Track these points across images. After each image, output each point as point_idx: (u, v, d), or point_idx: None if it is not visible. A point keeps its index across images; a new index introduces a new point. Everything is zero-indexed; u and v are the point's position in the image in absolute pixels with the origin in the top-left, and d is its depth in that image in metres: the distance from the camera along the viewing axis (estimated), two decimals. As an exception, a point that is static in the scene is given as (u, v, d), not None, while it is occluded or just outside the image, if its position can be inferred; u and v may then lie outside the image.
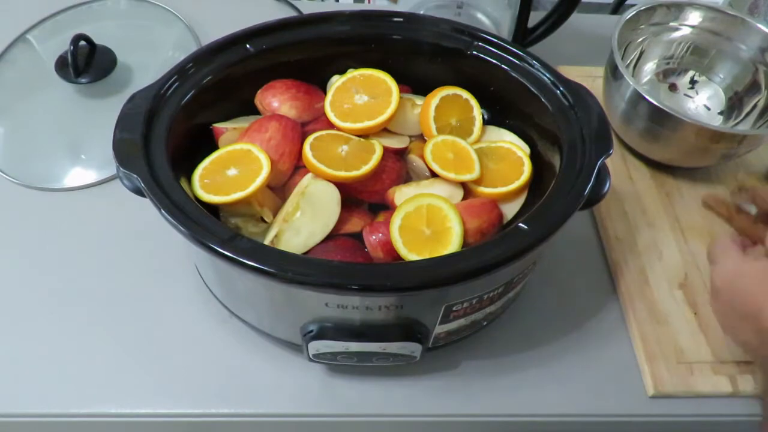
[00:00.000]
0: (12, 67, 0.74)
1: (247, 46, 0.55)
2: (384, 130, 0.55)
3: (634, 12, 0.70)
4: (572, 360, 0.56)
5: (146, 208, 0.44)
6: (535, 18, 0.74)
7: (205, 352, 0.54)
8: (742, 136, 0.63)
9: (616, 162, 0.71)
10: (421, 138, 0.57)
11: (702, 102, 0.74)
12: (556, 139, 0.51)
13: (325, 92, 0.58)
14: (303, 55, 0.57)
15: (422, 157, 0.53)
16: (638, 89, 0.63)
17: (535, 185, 0.53)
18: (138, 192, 0.44)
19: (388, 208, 0.52)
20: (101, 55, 0.71)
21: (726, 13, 0.71)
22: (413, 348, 0.48)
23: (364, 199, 0.53)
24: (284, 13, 0.83)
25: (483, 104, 0.57)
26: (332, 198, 0.50)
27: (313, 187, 0.50)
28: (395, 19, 0.58)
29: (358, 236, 0.49)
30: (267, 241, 0.48)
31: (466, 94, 0.56)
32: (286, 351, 0.54)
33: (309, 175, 0.51)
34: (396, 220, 0.47)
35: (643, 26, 0.72)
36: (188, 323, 0.55)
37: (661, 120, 0.64)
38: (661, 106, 0.62)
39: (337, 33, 0.57)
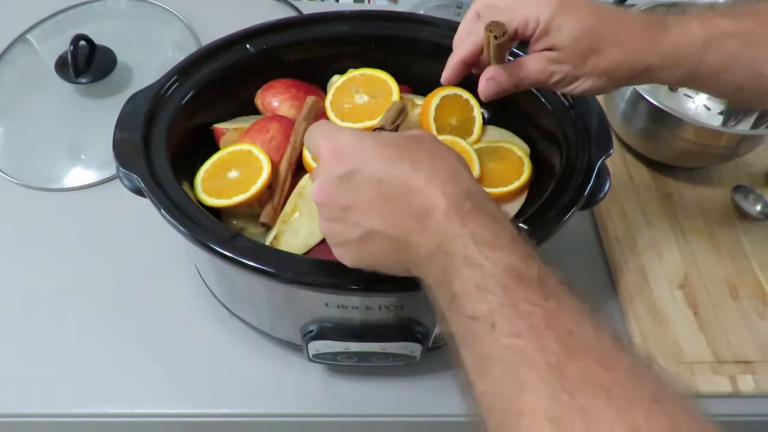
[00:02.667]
0: (12, 67, 0.74)
1: (247, 46, 0.55)
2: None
3: (634, 12, 0.70)
4: (572, 360, 0.56)
5: (146, 208, 0.44)
6: (535, 18, 0.74)
7: (205, 352, 0.54)
8: (741, 137, 0.63)
9: (616, 162, 0.71)
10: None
11: (702, 102, 0.74)
12: (556, 139, 0.51)
13: (325, 92, 0.58)
14: (303, 55, 0.57)
15: (422, 157, 0.53)
16: (638, 89, 0.63)
17: (535, 185, 0.53)
18: (138, 192, 0.44)
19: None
20: (101, 55, 0.71)
21: (726, 13, 0.71)
22: (413, 348, 0.48)
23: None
24: (284, 13, 0.83)
25: (483, 104, 0.57)
26: (332, 198, 0.50)
27: (311, 187, 0.50)
28: (395, 19, 0.58)
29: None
30: (267, 243, 0.48)
31: (466, 94, 0.56)
32: (286, 351, 0.54)
33: (307, 176, 0.51)
34: (396, 220, 0.47)
35: (643, 26, 0.72)
36: (188, 323, 0.55)
37: (661, 120, 0.64)
38: (661, 106, 0.62)
39: (337, 33, 0.57)
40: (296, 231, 0.48)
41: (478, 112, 0.57)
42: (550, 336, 0.26)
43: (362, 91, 0.54)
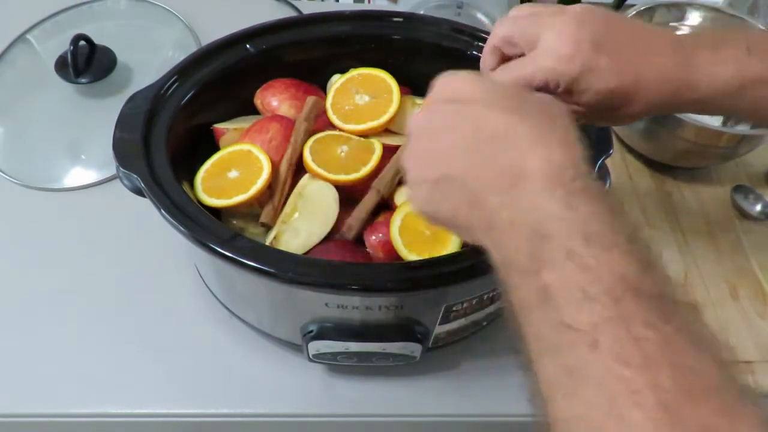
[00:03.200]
0: (12, 67, 0.74)
1: (247, 46, 0.55)
2: (384, 129, 0.55)
3: (634, 12, 0.70)
4: (572, 360, 0.56)
5: (146, 208, 0.43)
6: (535, 18, 0.74)
7: (205, 352, 0.54)
8: (742, 137, 0.63)
9: (616, 162, 0.71)
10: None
11: (702, 102, 0.74)
12: (556, 139, 0.51)
13: (325, 92, 0.57)
14: (303, 55, 0.57)
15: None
16: (638, 89, 0.63)
17: (535, 185, 0.53)
18: (138, 192, 0.44)
19: (388, 207, 0.52)
20: (101, 55, 0.71)
21: (726, 13, 0.71)
22: (413, 348, 0.48)
23: (364, 199, 0.53)
24: (284, 13, 0.83)
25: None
26: (330, 197, 0.50)
27: (311, 188, 0.50)
28: (395, 19, 0.58)
29: (358, 236, 0.49)
30: (267, 243, 0.48)
31: (466, 94, 0.56)
32: (286, 351, 0.54)
33: (307, 176, 0.51)
34: (396, 220, 0.47)
35: (643, 26, 0.72)
36: (188, 323, 0.55)
37: (661, 120, 0.64)
38: (661, 106, 0.62)
39: (337, 33, 0.57)
40: (296, 231, 0.48)
41: (478, 112, 0.56)
42: (665, 370, 0.22)
43: (362, 92, 0.54)
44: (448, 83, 0.33)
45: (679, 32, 0.73)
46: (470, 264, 0.41)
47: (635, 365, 0.22)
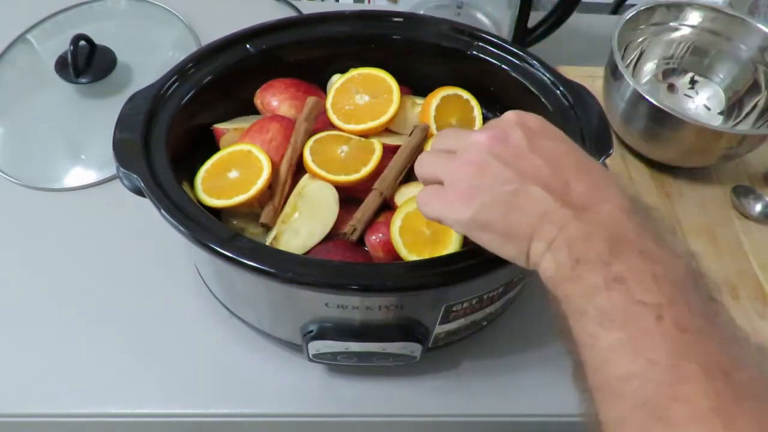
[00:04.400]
0: (12, 67, 0.74)
1: (247, 46, 0.55)
2: (384, 129, 0.55)
3: (634, 12, 0.70)
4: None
5: (146, 208, 0.44)
6: (535, 18, 0.74)
7: (205, 352, 0.54)
8: (742, 136, 0.63)
9: (616, 162, 0.71)
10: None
11: (702, 102, 0.74)
12: (556, 139, 0.51)
13: (324, 92, 0.57)
14: (303, 55, 0.57)
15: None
16: (638, 89, 0.63)
17: (535, 185, 0.53)
18: (138, 192, 0.44)
19: (388, 207, 0.52)
20: (101, 55, 0.71)
21: (726, 13, 0.71)
22: (413, 348, 0.48)
23: (364, 198, 0.53)
24: (284, 13, 0.83)
25: (483, 104, 0.57)
26: (330, 197, 0.50)
27: (311, 188, 0.50)
28: (395, 19, 0.58)
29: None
30: (267, 243, 0.48)
31: (466, 95, 0.56)
32: (286, 351, 0.54)
33: (307, 176, 0.51)
34: (396, 221, 0.47)
35: (643, 26, 0.72)
36: (188, 323, 0.55)
37: (661, 120, 0.64)
38: (661, 106, 0.62)
39: (337, 33, 0.57)
40: (296, 231, 0.48)
41: (478, 113, 0.56)
42: (715, 341, 0.28)
43: (362, 91, 0.54)
44: (522, 116, 0.37)
45: (678, 32, 0.73)
46: (470, 264, 0.41)
47: (695, 334, 0.28)
